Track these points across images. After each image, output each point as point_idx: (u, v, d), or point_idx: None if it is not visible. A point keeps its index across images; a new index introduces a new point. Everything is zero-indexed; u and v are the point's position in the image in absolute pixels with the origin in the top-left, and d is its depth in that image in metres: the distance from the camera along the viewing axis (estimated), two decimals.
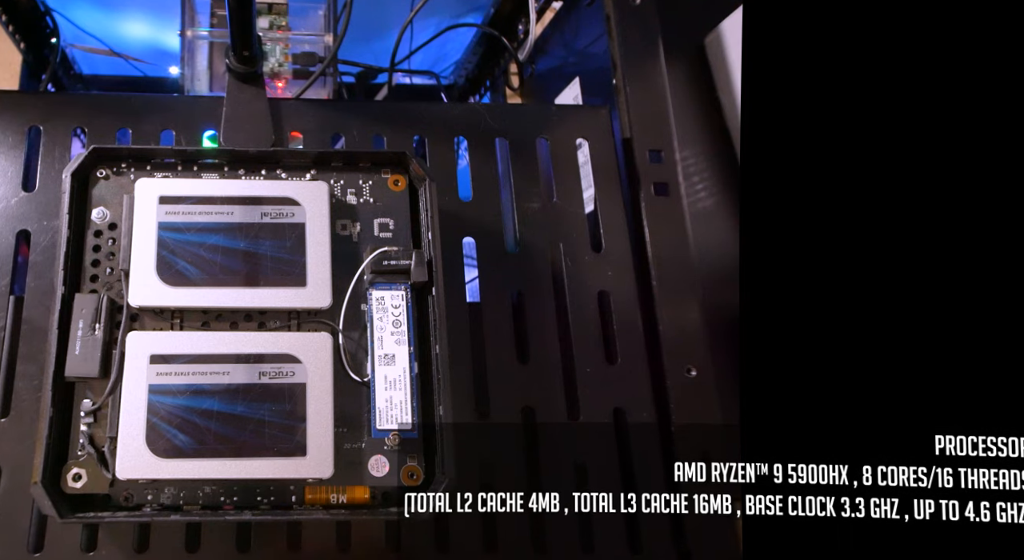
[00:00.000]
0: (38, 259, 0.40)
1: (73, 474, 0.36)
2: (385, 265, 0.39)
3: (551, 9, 0.65)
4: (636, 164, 0.47)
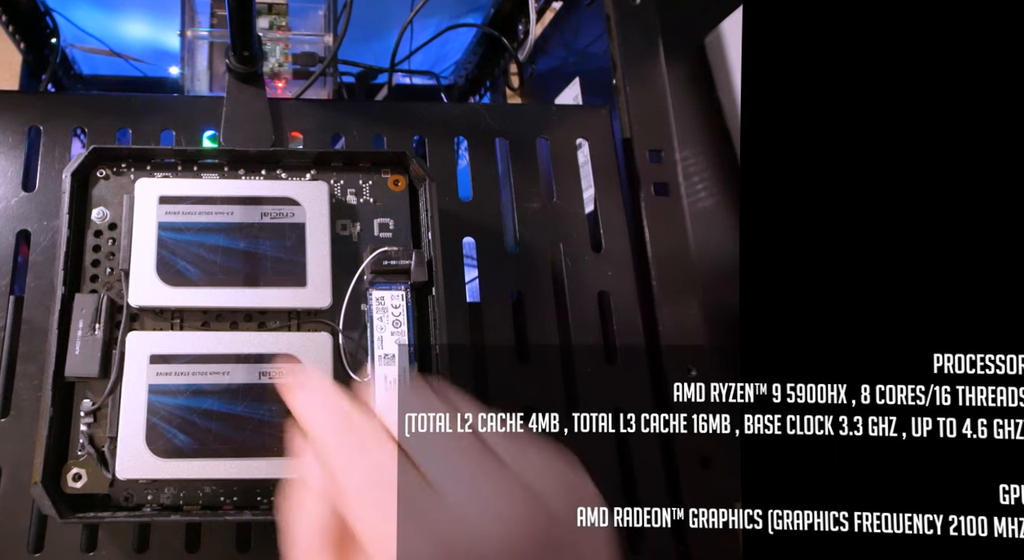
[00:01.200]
0: (38, 259, 0.40)
1: (73, 474, 0.36)
2: (385, 265, 0.39)
3: (551, 9, 0.65)
4: (636, 164, 0.47)
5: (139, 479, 0.35)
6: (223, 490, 0.36)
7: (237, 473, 0.35)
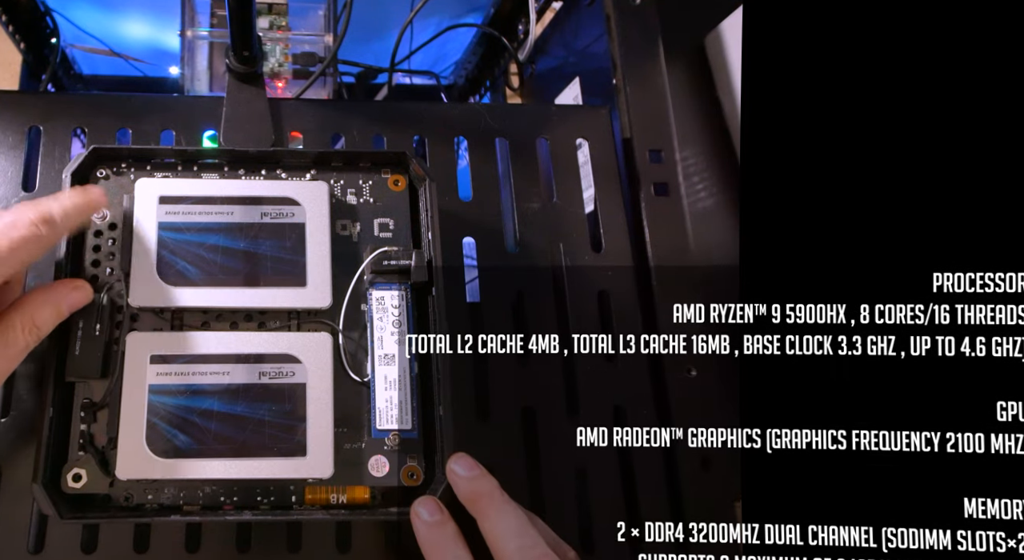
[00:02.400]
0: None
1: (73, 474, 0.36)
2: (385, 265, 0.39)
3: (551, 9, 0.65)
4: (636, 164, 0.47)
5: (139, 479, 0.35)
6: (223, 490, 0.36)
7: (237, 473, 0.35)
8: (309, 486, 0.37)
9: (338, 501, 0.37)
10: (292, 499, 0.37)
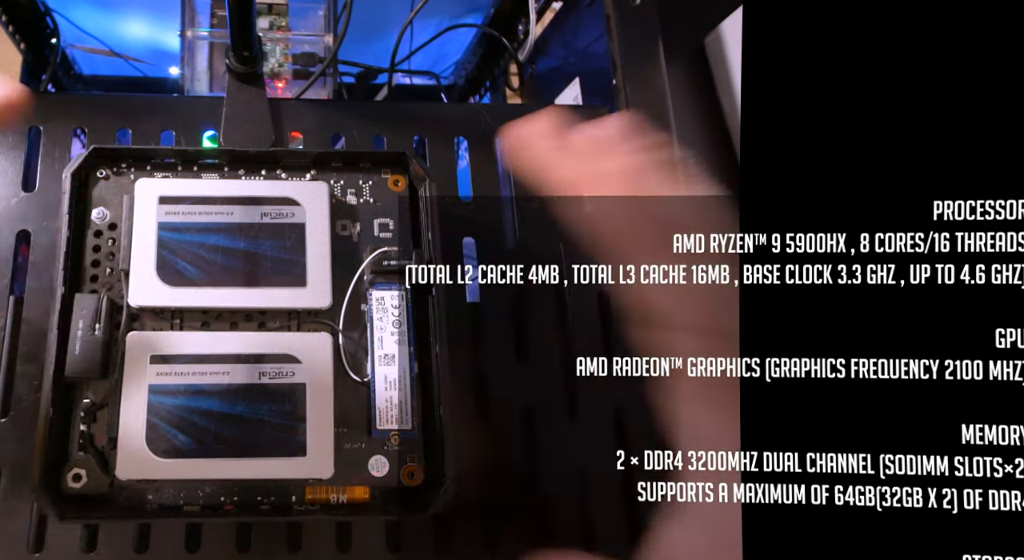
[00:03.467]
0: (38, 259, 0.40)
1: (73, 474, 0.36)
2: (385, 265, 0.39)
3: (551, 9, 0.65)
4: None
5: (139, 479, 0.35)
6: (223, 490, 0.36)
7: (237, 473, 0.35)
8: (309, 486, 0.37)
9: (338, 501, 0.37)
10: (292, 499, 0.37)
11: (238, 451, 0.35)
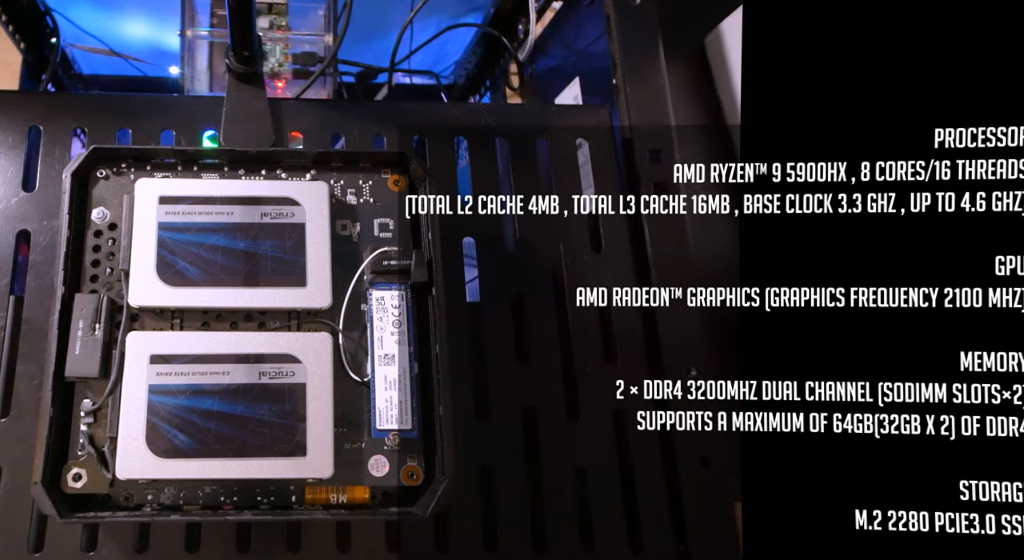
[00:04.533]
0: (38, 259, 0.40)
1: (73, 474, 0.36)
2: (385, 265, 0.39)
3: (551, 9, 0.65)
4: (636, 164, 0.47)
5: (139, 479, 0.35)
6: (223, 490, 0.36)
7: (237, 473, 0.35)
8: (309, 486, 0.37)
9: (338, 501, 0.37)
10: (292, 499, 0.37)
11: (238, 451, 0.35)
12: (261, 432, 0.35)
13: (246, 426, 0.35)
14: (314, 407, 0.36)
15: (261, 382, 0.36)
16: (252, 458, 0.35)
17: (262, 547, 0.38)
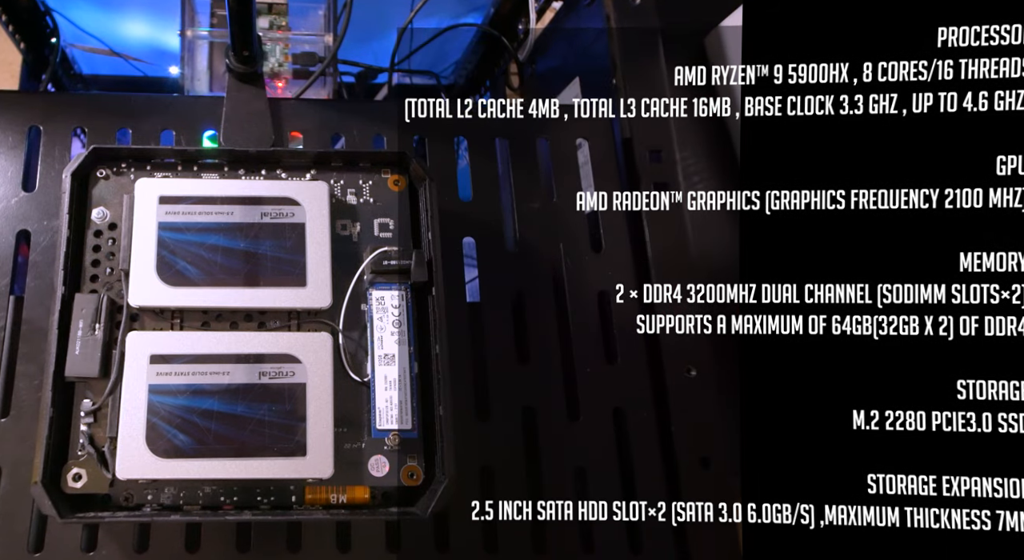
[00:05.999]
0: (38, 259, 0.40)
1: (73, 474, 0.36)
2: (385, 265, 0.39)
3: (551, 9, 0.65)
4: (636, 164, 0.47)
5: (139, 479, 0.35)
6: (223, 490, 0.36)
7: (237, 473, 0.35)
8: (309, 486, 0.37)
9: (338, 501, 0.37)
10: (292, 499, 0.37)
11: (238, 451, 0.35)
12: (261, 432, 0.35)
13: (246, 426, 0.35)
14: (314, 407, 0.36)
15: (261, 382, 0.36)
16: (252, 458, 0.35)
17: (262, 547, 0.38)
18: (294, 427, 0.35)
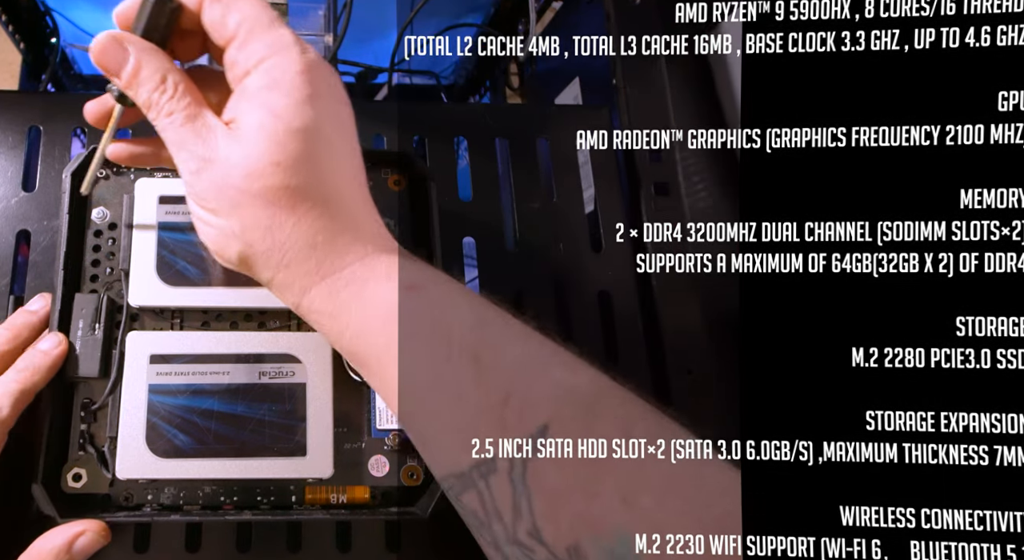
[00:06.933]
0: (38, 259, 0.40)
1: (73, 474, 0.36)
2: None
3: (551, 9, 0.65)
4: (636, 164, 0.47)
5: (139, 479, 0.35)
6: (223, 490, 0.36)
7: (237, 473, 0.35)
8: (309, 486, 0.37)
9: (338, 501, 0.37)
10: (292, 499, 0.37)
11: (238, 451, 0.35)
12: (261, 432, 0.35)
13: (246, 426, 0.35)
14: (314, 407, 0.36)
15: (261, 382, 0.36)
16: (252, 458, 0.35)
17: (262, 547, 0.38)
18: (294, 427, 0.35)
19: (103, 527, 0.34)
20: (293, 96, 0.28)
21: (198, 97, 0.30)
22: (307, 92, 0.28)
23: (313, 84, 0.29)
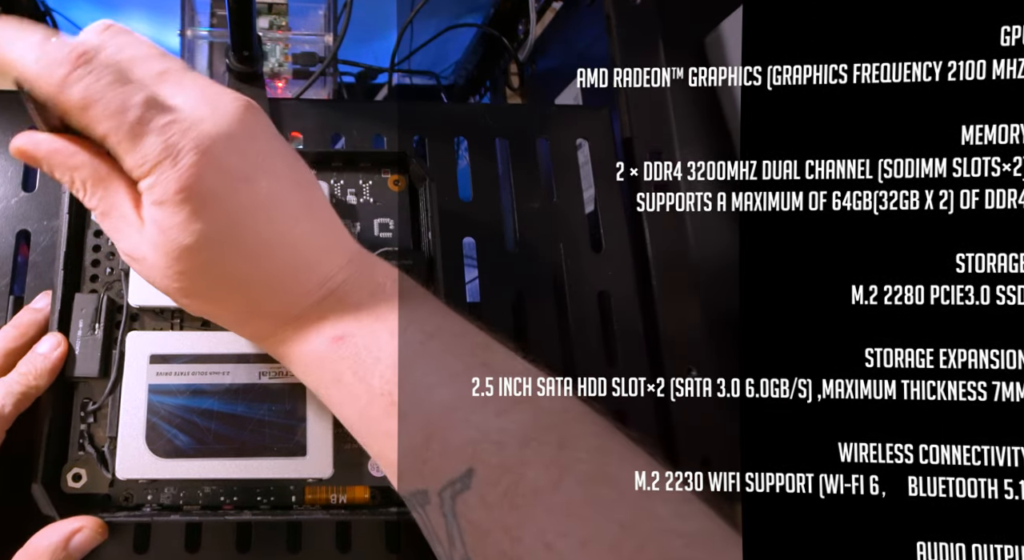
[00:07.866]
0: (38, 259, 0.40)
1: (73, 474, 0.36)
2: None
3: (551, 9, 0.65)
4: (636, 164, 0.47)
5: (139, 479, 0.35)
6: (223, 490, 0.36)
7: (237, 473, 0.35)
8: (309, 486, 0.37)
9: (338, 501, 0.37)
10: (292, 499, 0.37)
11: (238, 451, 0.35)
12: (261, 432, 0.35)
13: (246, 426, 0.35)
14: (314, 407, 0.36)
15: (261, 382, 0.36)
16: (252, 458, 0.35)
17: (262, 547, 0.38)
18: (294, 427, 0.35)
19: (100, 523, 0.34)
20: (177, 217, 0.27)
21: (114, 183, 0.29)
22: (191, 207, 0.27)
23: (201, 185, 0.27)
